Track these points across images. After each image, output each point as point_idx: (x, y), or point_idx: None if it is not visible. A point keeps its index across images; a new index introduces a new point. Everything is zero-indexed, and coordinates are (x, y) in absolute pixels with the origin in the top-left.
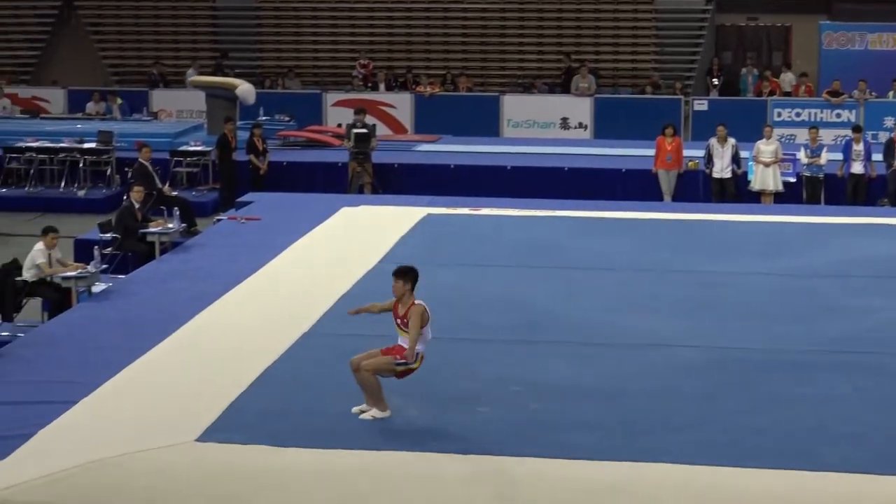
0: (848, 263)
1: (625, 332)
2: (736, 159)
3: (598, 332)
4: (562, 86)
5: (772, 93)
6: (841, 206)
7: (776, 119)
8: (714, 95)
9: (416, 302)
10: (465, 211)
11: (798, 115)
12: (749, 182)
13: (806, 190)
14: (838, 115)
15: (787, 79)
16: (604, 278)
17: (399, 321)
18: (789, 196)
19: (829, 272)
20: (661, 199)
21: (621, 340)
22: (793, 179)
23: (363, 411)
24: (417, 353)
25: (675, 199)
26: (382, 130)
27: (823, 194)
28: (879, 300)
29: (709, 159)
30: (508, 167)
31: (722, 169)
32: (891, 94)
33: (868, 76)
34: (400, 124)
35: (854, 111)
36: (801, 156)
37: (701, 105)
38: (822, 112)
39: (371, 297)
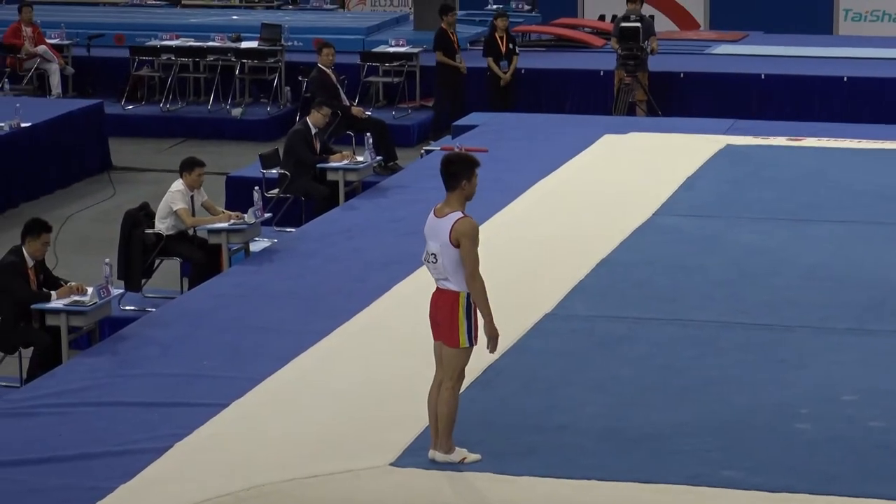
0: None
1: None
2: None
3: None
4: None
5: None
6: None
7: None
8: None
9: (464, 215)
10: (781, 141)
11: None
12: None
13: None
14: None
15: None
16: None
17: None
18: None
19: None
20: None
21: None
22: None
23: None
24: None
25: None
26: (664, 25)
27: None
28: None
29: None
30: (845, 78)
31: None
32: None
33: None
34: (690, 16)
35: None
36: None
37: None
38: None
39: (639, 266)
